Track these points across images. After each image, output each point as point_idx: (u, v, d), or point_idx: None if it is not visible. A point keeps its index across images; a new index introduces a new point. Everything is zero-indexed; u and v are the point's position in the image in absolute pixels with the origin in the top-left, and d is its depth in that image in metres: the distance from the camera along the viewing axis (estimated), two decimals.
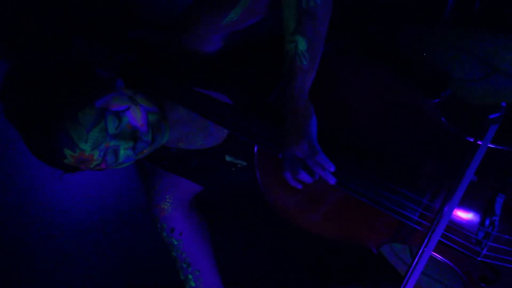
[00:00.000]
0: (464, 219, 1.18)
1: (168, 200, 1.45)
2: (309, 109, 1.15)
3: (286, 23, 1.15)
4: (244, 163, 1.43)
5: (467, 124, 1.18)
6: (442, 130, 1.17)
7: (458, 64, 1.24)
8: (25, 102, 1.17)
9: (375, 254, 1.29)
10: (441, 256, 1.21)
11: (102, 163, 1.21)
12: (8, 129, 1.23)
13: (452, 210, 1.09)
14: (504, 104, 1.10)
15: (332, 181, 1.15)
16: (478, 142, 1.09)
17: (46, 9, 1.48)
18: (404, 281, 1.09)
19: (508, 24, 1.37)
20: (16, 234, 1.84)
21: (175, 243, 1.46)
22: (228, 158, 1.43)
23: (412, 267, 1.09)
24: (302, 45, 1.13)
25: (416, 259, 1.09)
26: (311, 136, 1.13)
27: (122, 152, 1.22)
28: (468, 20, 1.46)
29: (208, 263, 1.49)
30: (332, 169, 1.13)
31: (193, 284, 1.47)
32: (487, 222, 1.16)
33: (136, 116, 1.22)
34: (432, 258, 1.21)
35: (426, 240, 1.09)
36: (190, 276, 1.46)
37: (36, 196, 1.80)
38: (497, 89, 1.21)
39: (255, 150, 1.28)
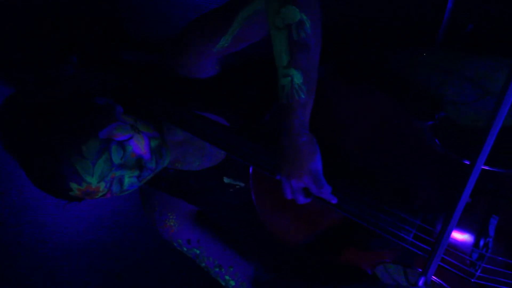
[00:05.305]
0: (458, 240, 1.18)
1: (171, 217, 1.44)
2: (314, 144, 1.12)
3: (278, 57, 1.11)
4: (243, 184, 1.43)
5: (460, 146, 1.18)
6: (435, 151, 1.18)
7: (451, 87, 1.24)
8: (26, 137, 1.16)
9: (370, 275, 1.29)
10: (435, 277, 1.21)
11: (107, 193, 1.21)
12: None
13: (449, 235, 1.09)
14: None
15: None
16: None
17: (36, 33, 1.49)
18: None
19: (500, 46, 1.38)
20: (13, 249, 1.84)
21: (198, 252, 1.44)
22: (226, 180, 1.42)
23: None
24: (297, 78, 1.10)
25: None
26: (317, 172, 1.11)
27: (126, 180, 1.21)
28: (460, 43, 1.48)
29: (235, 256, 1.46)
30: (334, 201, 1.14)
31: (233, 284, 1.45)
32: (481, 243, 1.16)
33: (139, 144, 1.22)
34: None
35: (428, 263, 1.09)
36: (227, 277, 1.44)
37: (30, 215, 1.80)
38: (489, 111, 1.21)
39: (250, 171, 1.29)
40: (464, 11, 1.50)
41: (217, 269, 1.44)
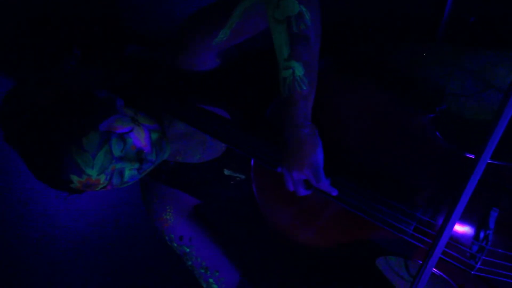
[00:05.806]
0: (458, 233, 1.18)
1: (168, 210, 1.45)
2: (315, 136, 1.12)
3: (279, 50, 1.11)
4: (243, 177, 1.43)
5: (462, 139, 1.19)
6: (436, 144, 1.18)
7: (452, 80, 1.25)
8: (27, 130, 1.17)
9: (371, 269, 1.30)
10: (435, 269, 1.21)
11: (108, 185, 1.21)
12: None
13: (451, 228, 1.09)
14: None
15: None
16: None
17: (36, 32, 1.49)
18: None
19: (501, 39, 1.39)
20: (14, 245, 1.84)
21: (188, 250, 1.44)
22: (226, 172, 1.43)
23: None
24: (299, 70, 1.10)
25: (418, 277, 1.09)
26: (318, 164, 1.12)
27: (127, 173, 1.22)
28: (461, 38, 1.48)
29: (224, 262, 1.47)
30: (334, 193, 1.14)
31: (216, 287, 1.45)
32: (481, 236, 1.16)
33: (139, 136, 1.22)
34: None
35: (428, 257, 1.09)
36: (211, 280, 1.45)
37: (34, 208, 1.80)
38: (490, 104, 1.22)
39: (252, 163, 1.29)
40: (465, 5, 1.50)
41: (202, 271, 1.45)
